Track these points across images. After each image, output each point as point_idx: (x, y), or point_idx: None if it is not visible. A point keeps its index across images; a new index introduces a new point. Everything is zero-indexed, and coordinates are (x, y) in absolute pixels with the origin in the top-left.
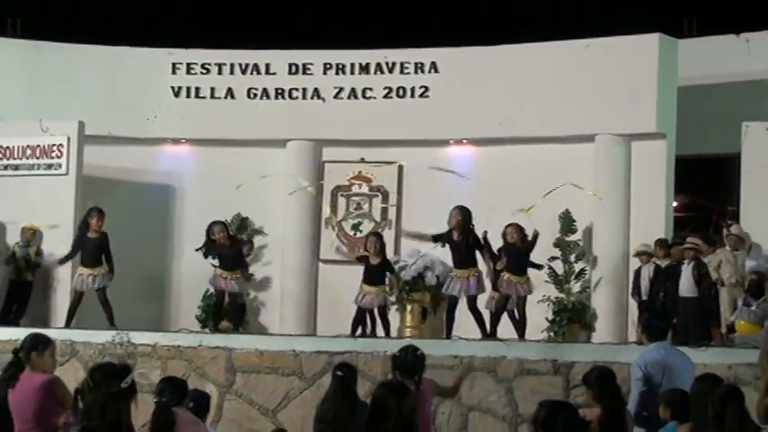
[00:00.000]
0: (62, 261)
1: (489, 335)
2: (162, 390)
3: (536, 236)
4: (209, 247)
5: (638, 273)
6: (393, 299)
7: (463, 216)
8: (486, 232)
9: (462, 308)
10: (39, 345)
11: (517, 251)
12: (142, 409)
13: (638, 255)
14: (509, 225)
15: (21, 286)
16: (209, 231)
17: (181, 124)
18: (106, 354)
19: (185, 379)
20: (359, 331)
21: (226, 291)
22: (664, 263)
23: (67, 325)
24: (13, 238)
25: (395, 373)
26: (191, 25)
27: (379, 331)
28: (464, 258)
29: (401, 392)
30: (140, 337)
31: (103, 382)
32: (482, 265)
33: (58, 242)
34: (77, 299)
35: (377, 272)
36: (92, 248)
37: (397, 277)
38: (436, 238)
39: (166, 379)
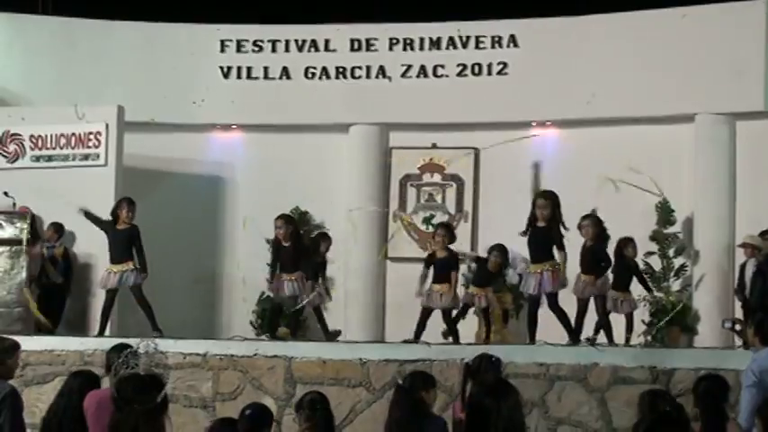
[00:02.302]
0: (88, 215)
1: (573, 332)
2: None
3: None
4: (273, 245)
5: (743, 267)
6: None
7: (553, 203)
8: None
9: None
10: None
11: (592, 251)
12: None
13: (743, 246)
14: (585, 217)
15: (51, 290)
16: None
17: (231, 108)
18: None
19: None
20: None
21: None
22: None
23: (101, 332)
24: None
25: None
26: None
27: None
28: (541, 250)
29: (500, 392)
30: (189, 346)
31: (134, 398)
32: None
33: (88, 242)
34: (110, 300)
35: (442, 268)
36: (120, 242)
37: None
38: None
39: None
